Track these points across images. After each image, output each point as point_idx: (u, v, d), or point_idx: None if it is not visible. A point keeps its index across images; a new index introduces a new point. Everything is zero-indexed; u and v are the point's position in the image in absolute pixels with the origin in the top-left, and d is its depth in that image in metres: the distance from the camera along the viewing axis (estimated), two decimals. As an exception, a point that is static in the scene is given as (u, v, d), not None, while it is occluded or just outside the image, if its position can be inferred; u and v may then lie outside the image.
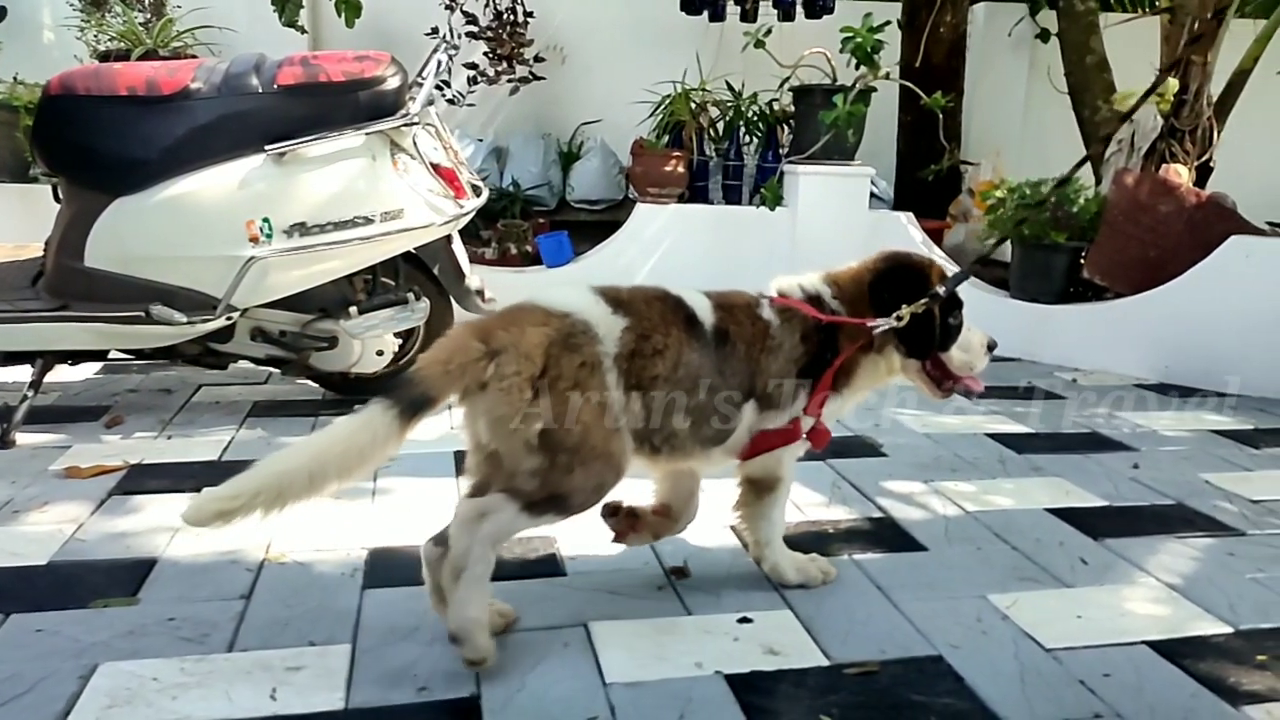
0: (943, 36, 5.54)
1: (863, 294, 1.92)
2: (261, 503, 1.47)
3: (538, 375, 1.57)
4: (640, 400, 1.67)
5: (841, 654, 1.75)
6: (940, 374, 2.01)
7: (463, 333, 1.61)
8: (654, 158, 4.89)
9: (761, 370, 1.81)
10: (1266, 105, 4.78)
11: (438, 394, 1.55)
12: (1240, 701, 1.64)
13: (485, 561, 1.59)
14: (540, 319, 1.62)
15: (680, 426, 1.72)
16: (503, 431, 1.58)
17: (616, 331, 1.65)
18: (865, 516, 2.43)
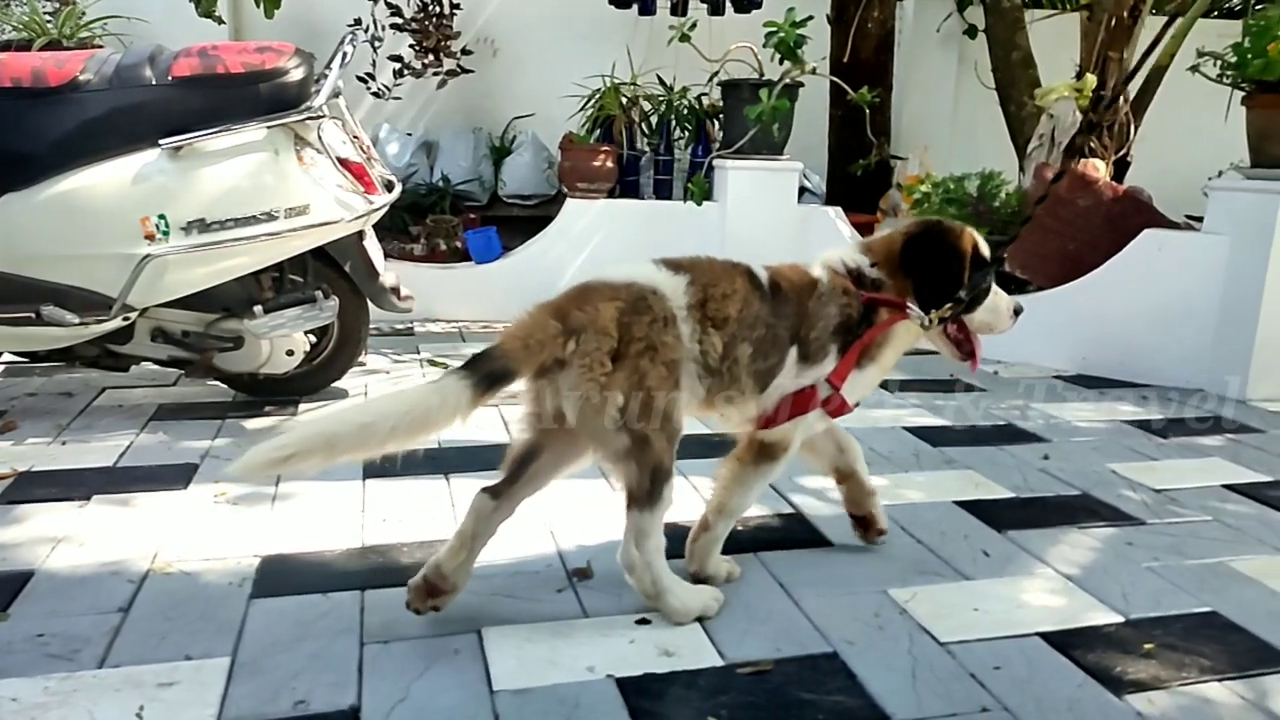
0: (870, 32, 5.58)
1: (895, 258, 1.97)
2: (310, 453, 1.49)
3: (616, 346, 1.66)
4: (718, 336, 1.77)
5: (737, 653, 1.74)
6: (962, 336, 2.07)
7: (539, 313, 1.69)
8: (583, 152, 4.85)
9: (808, 316, 1.90)
10: (1183, 101, 4.88)
11: (517, 368, 1.63)
12: (1124, 691, 1.66)
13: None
14: (609, 294, 1.72)
15: (744, 358, 1.81)
16: (588, 409, 1.66)
17: (681, 287, 1.77)
18: (776, 513, 2.43)
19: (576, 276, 5.07)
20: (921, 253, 1.97)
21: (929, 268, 1.96)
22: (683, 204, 4.91)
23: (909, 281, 1.97)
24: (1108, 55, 4.57)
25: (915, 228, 2.02)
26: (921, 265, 1.96)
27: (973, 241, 2.00)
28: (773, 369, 1.88)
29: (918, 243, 1.98)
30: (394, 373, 3.72)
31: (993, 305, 2.06)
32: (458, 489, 2.49)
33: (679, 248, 5.09)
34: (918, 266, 1.97)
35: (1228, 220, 3.73)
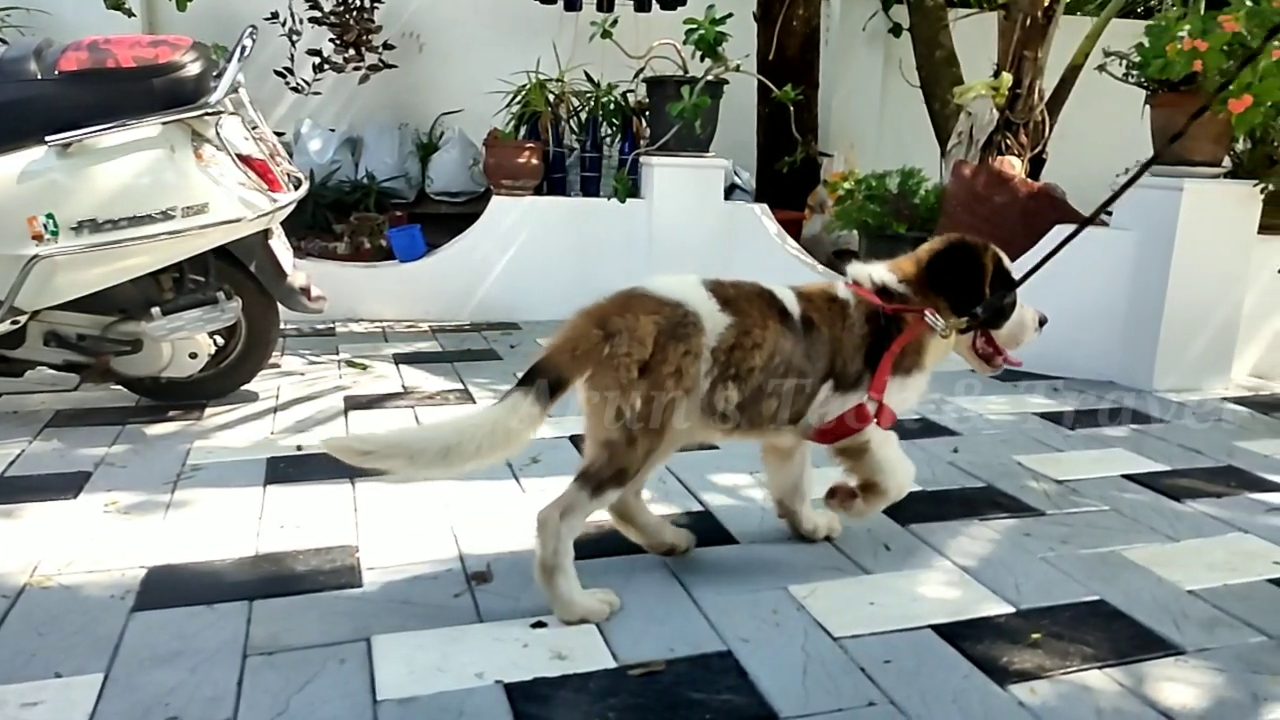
0: (796, 30, 5.62)
1: (923, 275, 2.06)
2: (390, 459, 1.63)
3: (646, 359, 1.74)
4: (734, 386, 1.83)
5: (631, 654, 1.73)
6: (991, 350, 2.16)
7: (583, 320, 1.78)
8: (507, 149, 4.80)
9: (840, 349, 1.96)
10: (1101, 99, 5.00)
11: (570, 376, 1.73)
12: (1009, 681, 1.68)
13: (568, 552, 1.79)
14: (653, 307, 1.79)
15: (766, 408, 1.88)
16: (600, 399, 1.76)
17: (720, 328, 1.82)
18: (685, 511, 2.43)
19: (503, 275, 5.07)
20: (946, 269, 2.06)
21: (953, 283, 2.05)
22: (610, 201, 4.89)
23: (937, 298, 2.05)
24: (1023, 54, 4.66)
25: (941, 245, 2.10)
26: (947, 281, 2.05)
27: (995, 258, 2.09)
28: (800, 412, 1.96)
29: (943, 259, 2.07)
30: (309, 374, 3.64)
31: (1018, 319, 2.15)
32: (363, 494, 2.45)
33: (606, 245, 5.13)
34: (943, 282, 2.05)
35: (1134, 216, 3.83)
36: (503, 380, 3.66)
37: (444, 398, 3.38)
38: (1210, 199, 3.64)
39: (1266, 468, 2.87)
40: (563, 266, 4.92)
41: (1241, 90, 3.15)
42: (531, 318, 4.90)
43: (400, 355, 4.03)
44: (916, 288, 2.05)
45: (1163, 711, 1.60)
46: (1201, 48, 3.24)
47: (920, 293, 2.05)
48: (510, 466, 2.69)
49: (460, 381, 3.62)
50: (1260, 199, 3.65)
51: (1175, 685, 1.68)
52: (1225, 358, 3.87)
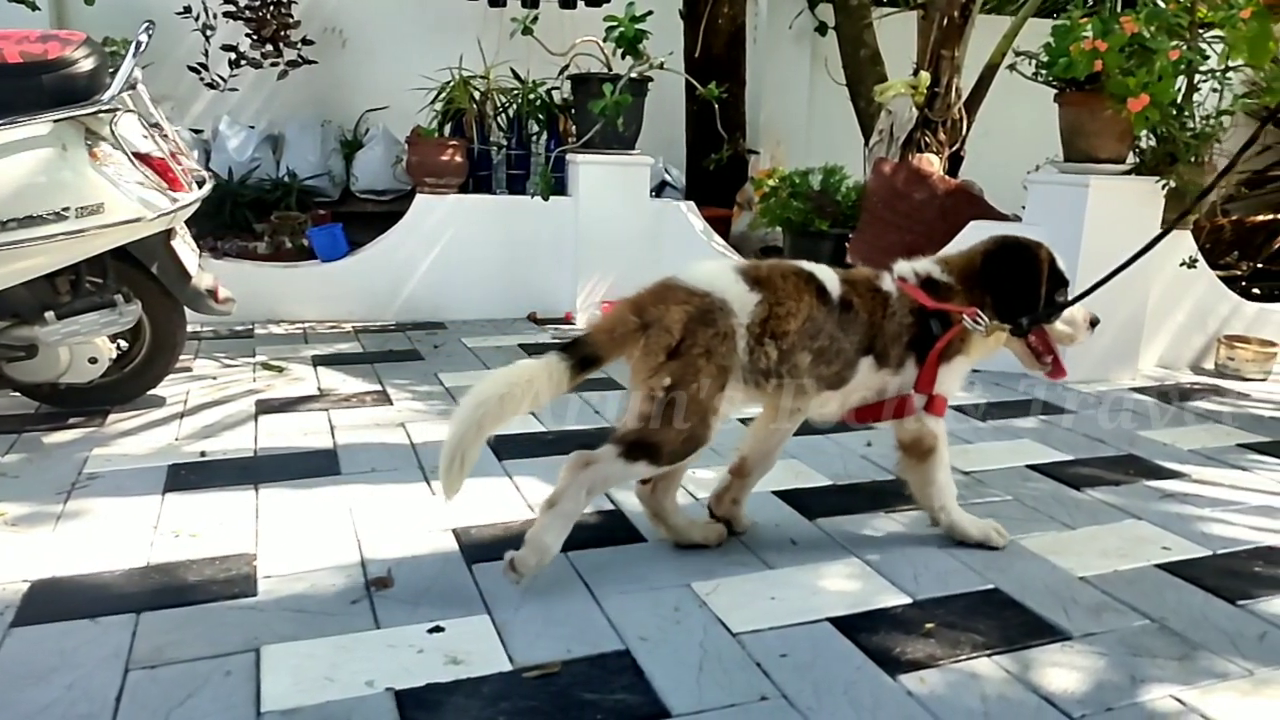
0: (721, 28, 5.64)
1: (975, 273, 2.12)
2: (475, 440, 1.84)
3: (674, 344, 1.87)
4: (774, 346, 1.94)
5: (527, 657, 1.72)
6: (1043, 347, 2.21)
7: (623, 308, 1.93)
8: (430, 147, 4.74)
9: (880, 331, 2.05)
10: (1021, 97, 5.09)
11: (604, 355, 1.89)
12: (900, 671, 1.71)
13: (576, 501, 1.91)
14: (684, 297, 1.92)
15: (802, 361, 1.97)
16: (637, 379, 1.92)
17: (750, 305, 1.93)
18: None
19: (428, 274, 5.02)
20: (1000, 268, 2.11)
21: (1007, 283, 2.09)
22: (536, 199, 4.85)
23: (985, 295, 2.10)
24: (940, 54, 4.74)
25: (994, 245, 2.15)
26: (1000, 280, 2.10)
27: (1049, 258, 2.14)
28: (839, 374, 2.04)
29: (997, 259, 2.12)
30: (222, 378, 3.56)
31: (1070, 317, 2.20)
32: (266, 501, 2.40)
33: (533, 243, 5.10)
34: (997, 282, 2.10)
35: (1044, 211, 3.92)
36: (424, 381, 3.62)
37: (360, 400, 3.33)
38: (1115, 195, 3.75)
39: (1165, 455, 2.97)
40: (489, 265, 4.88)
41: (1139, 90, 3.24)
42: (458, 317, 4.86)
43: (319, 357, 3.95)
44: (964, 284, 2.12)
45: (1045, 696, 1.64)
46: (1101, 48, 3.33)
47: (968, 289, 2.11)
48: (422, 469, 2.66)
49: (379, 383, 3.57)
50: (1163, 195, 3.76)
51: (1059, 670, 1.73)
52: (1133, 349, 3.99)
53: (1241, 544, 2.29)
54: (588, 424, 3.13)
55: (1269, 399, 3.72)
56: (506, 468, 2.69)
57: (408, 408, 3.26)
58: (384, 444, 2.86)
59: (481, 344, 4.32)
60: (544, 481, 2.58)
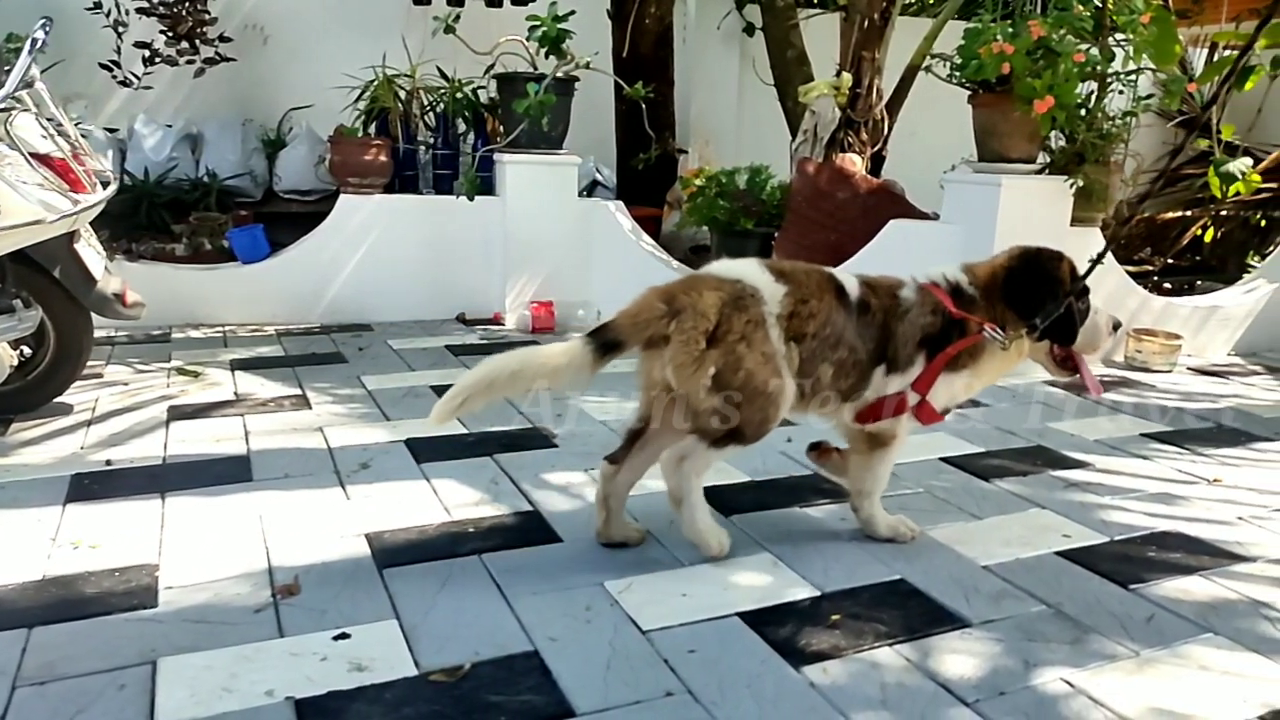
0: (649, 28, 5.66)
1: (997, 285, 2.14)
2: (477, 395, 1.89)
3: (711, 330, 1.90)
4: (795, 350, 1.98)
5: (434, 661, 1.71)
6: (1064, 354, 2.21)
7: (650, 296, 1.96)
8: (353, 146, 4.67)
9: (893, 336, 2.07)
10: (937, 99, 5.21)
11: (627, 340, 1.93)
12: (804, 662, 1.74)
13: (695, 489, 2.03)
14: (715, 284, 1.96)
15: (823, 374, 2.01)
16: (683, 376, 1.92)
17: (779, 295, 1.97)
18: (514, 511, 2.41)
19: (353, 275, 4.94)
20: (1023, 281, 2.12)
21: (1026, 295, 2.10)
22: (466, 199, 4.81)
23: (1007, 306, 2.11)
24: (861, 55, 4.83)
25: (1017, 257, 2.17)
26: (1020, 293, 2.11)
27: (1071, 267, 2.15)
28: (854, 387, 2.08)
29: (1020, 272, 2.14)
30: (134, 384, 3.46)
31: (1091, 325, 2.20)
32: (173, 510, 2.34)
33: (461, 243, 5.06)
34: (1019, 292, 2.11)
35: (959, 210, 4.02)
36: (347, 384, 3.57)
37: (279, 404, 3.27)
38: (1026, 194, 3.85)
39: (1071, 446, 3.06)
40: (416, 265, 4.83)
41: (1045, 92, 3.34)
42: (384, 318, 4.80)
43: (238, 361, 3.87)
44: (986, 293, 2.13)
45: (941, 683, 1.69)
46: (1009, 51, 3.43)
47: (989, 298, 2.12)
48: (337, 473, 2.62)
49: (299, 387, 3.50)
50: (1071, 193, 3.88)
51: (957, 657, 1.77)
52: (1046, 343, 4.11)
53: (1138, 530, 2.38)
54: (510, 425, 3.12)
55: (1173, 390, 3.87)
56: (425, 471, 2.67)
57: (327, 411, 3.21)
58: (300, 449, 2.81)
59: (407, 346, 4.27)
60: (463, 484, 2.57)
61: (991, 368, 2.19)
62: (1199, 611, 1.96)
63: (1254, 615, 1.95)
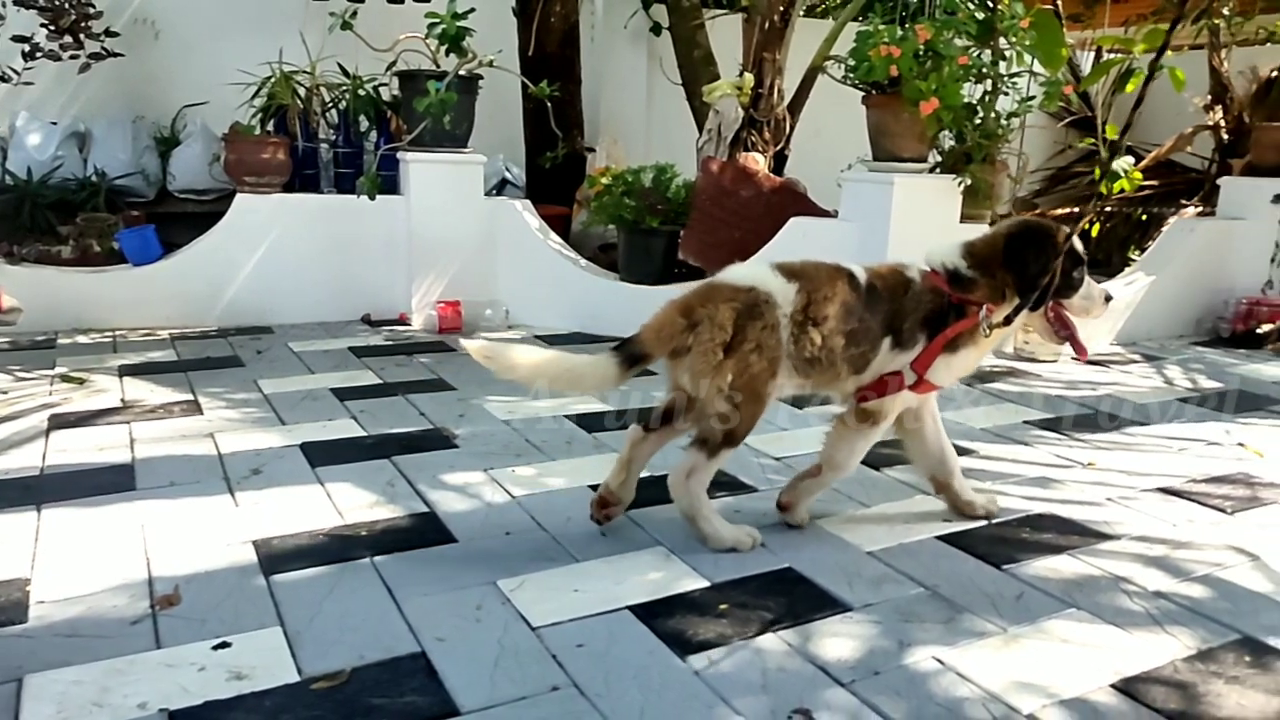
0: (555, 26, 5.66)
1: (998, 255, 2.23)
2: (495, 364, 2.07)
3: (728, 341, 2.05)
4: (816, 332, 2.10)
5: (317, 666, 1.69)
6: (1059, 323, 2.34)
7: (670, 309, 2.10)
8: (249, 144, 4.55)
9: (901, 311, 2.20)
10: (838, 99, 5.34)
11: (651, 352, 2.08)
12: (690, 652, 1.78)
13: (705, 502, 2.19)
14: (730, 294, 2.09)
15: (838, 348, 2.13)
16: (701, 383, 2.08)
17: (791, 295, 2.10)
18: (409, 513, 2.40)
19: (252, 276, 4.83)
20: (1021, 248, 2.22)
21: (1028, 260, 2.19)
22: (368, 199, 4.73)
23: (1008, 276, 2.22)
24: (763, 56, 4.92)
25: (1015, 227, 2.28)
26: (1022, 258, 2.21)
27: (1065, 236, 2.23)
28: (866, 355, 2.19)
29: (1018, 240, 2.24)
30: (13, 392, 3.31)
31: (1087, 293, 2.33)
32: (49, 522, 2.26)
33: (365, 243, 4.99)
34: (1019, 260, 2.21)
35: (856, 208, 4.14)
36: (242, 389, 3.49)
37: (168, 411, 3.17)
38: (917, 192, 3.99)
39: (958, 434, 3.18)
40: (319, 266, 4.74)
41: (931, 93, 3.47)
42: (286, 320, 4.69)
43: (127, 367, 3.74)
44: (987, 269, 2.23)
45: (821, 666, 1.74)
46: (896, 54, 3.54)
47: (990, 274, 2.22)
48: (226, 480, 2.56)
49: (191, 392, 3.41)
50: (959, 191, 4.03)
51: (837, 640, 1.83)
52: (940, 336, 4.25)
53: (1014, 513, 2.49)
54: (410, 426, 3.09)
55: (1056, 379, 4.05)
56: (319, 474, 2.63)
57: (220, 417, 3.13)
58: (188, 456, 2.74)
59: (309, 348, 4.19)
60: (358, 487, 2.54)
61: (988, 341, 2.30)
62: (1064, 588, 2.07)
63: (1114, 590, 2.06)
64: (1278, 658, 1.80)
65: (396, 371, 3.81)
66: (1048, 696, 1.65)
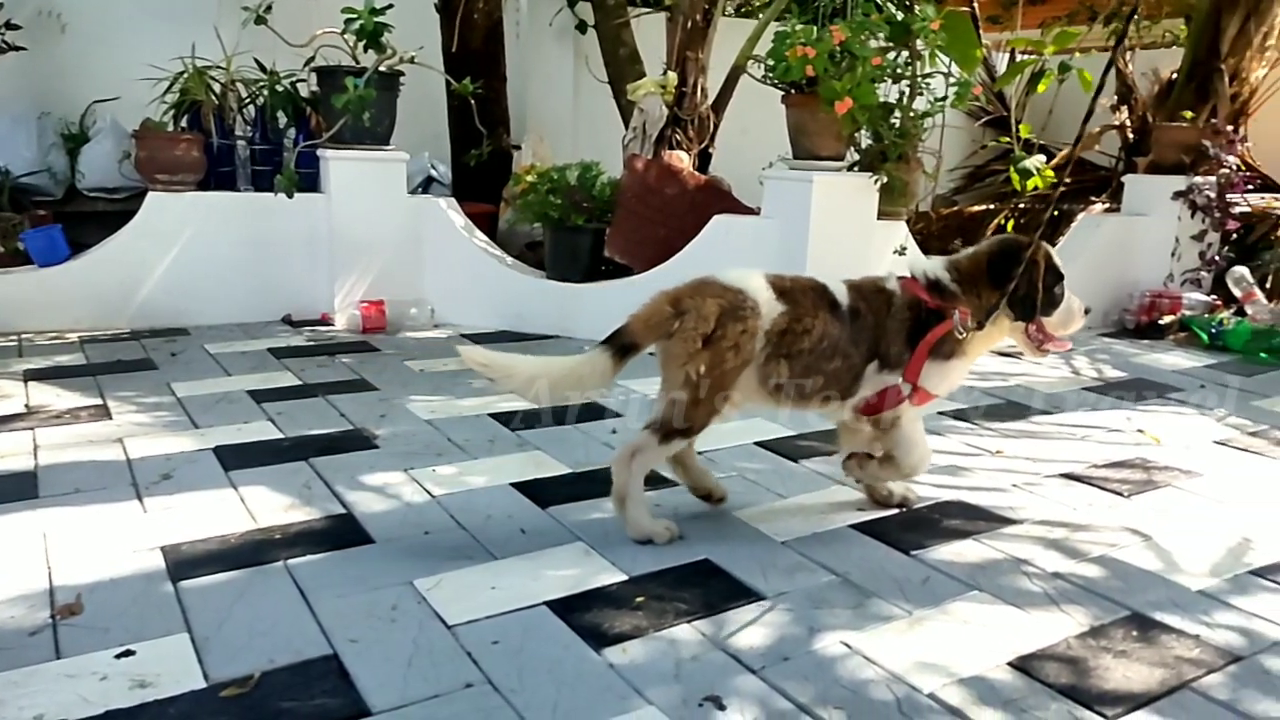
0: (478, 23, 5.62)
1: (982, 271, 2.32)
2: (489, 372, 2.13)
3: (709, 334, 2.10)
4: (786, 365, 2.18)
5: (225, 672, 1.67)
6: (1042, 336, 2.40)
7: (660, 299, 2.16)
8: (161, 141, 4.43)
9: (883, 334, 2.26)
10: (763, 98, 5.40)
11: (640, 342, 2.14)
12: (605, 645, 1.80)
13: (639, 486, 2.23)
14: (719, 291, 2.15)
15: (812, 386, 2.20)
16: (674, 367, 2.15)
17: (774, 314, 2.16)
18: (325, 515, 2.37)
19: (167, 277, 4.70)
20: (1006, 262, 2.28)
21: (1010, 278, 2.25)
22: (285, 196, 4.64)
23: (990, 291, 2.29)
24: (686, 55, 4.96)
25: (997, 245, 2.36)
26: (1004, 277, 2.27)
27: (1045, 254, 2.33)
28: (848, 388, 2.27)
29: (1001, 255, 2.31)
30: (-93, 400, 3.18)
31: (1066, 307, 2.40)
32: (-58, 532, 2.17)
33: (285, 242, 4.88)
34: (1001, 279, 2.27)
35: (777, 205, 4.21)
36: (154, 392, 3.39)
37: (75, 416, 3.08)
38: (836, 190, 4.07)
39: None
40: (236, 266, 4.63)
41: (845, 93, 3.54)
42: (203, 321, 4.57)
43: (33, 371, 3.61)
44: (969, 283, 2.31)
45: (733, 654, 1.78)
46: (811, 54, 3.61)
47: (971, 287, 2.31)
48: (135, 486, 2.50)
49: (100, 397, 3.30)
50: (876, 189, 4.13)
51: (750, 629, 1.87)
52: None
53: (925, 501, 2.57)
54: (329, 428, 3.05)
55: (971, 370, 4.16)
56: (233, 478, 2.58)
57: (129, 421, 3.04)
58: (95, 461, 2.66)
59: (226, 349, 4.09)
60: (273, 490, 2.50)
61: (975, 348, 2.39)
62: (969, 572, 2.14)
63: (1015, 572, 2.15)
64: (1163, 631, 1.89)
65: (317, 372, 3.75)
66: (948, 675, 1.71)
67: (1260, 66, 6.40)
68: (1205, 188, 5.33)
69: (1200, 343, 4.75)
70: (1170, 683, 1.71)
